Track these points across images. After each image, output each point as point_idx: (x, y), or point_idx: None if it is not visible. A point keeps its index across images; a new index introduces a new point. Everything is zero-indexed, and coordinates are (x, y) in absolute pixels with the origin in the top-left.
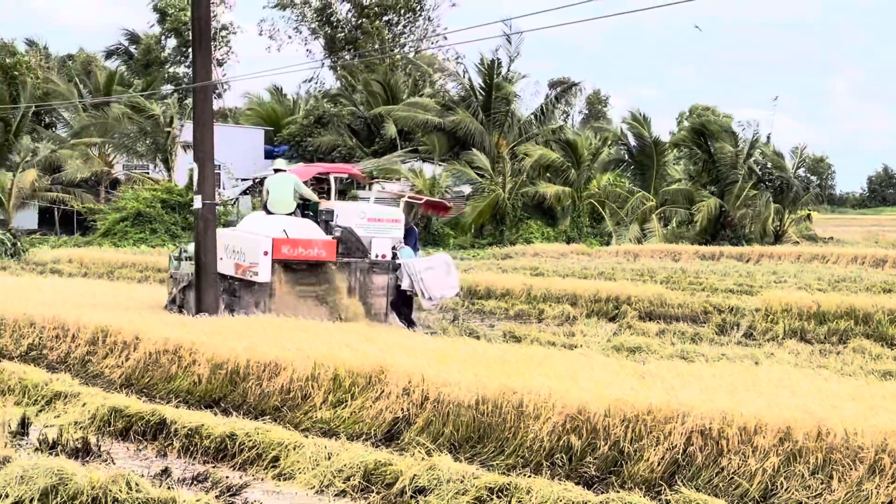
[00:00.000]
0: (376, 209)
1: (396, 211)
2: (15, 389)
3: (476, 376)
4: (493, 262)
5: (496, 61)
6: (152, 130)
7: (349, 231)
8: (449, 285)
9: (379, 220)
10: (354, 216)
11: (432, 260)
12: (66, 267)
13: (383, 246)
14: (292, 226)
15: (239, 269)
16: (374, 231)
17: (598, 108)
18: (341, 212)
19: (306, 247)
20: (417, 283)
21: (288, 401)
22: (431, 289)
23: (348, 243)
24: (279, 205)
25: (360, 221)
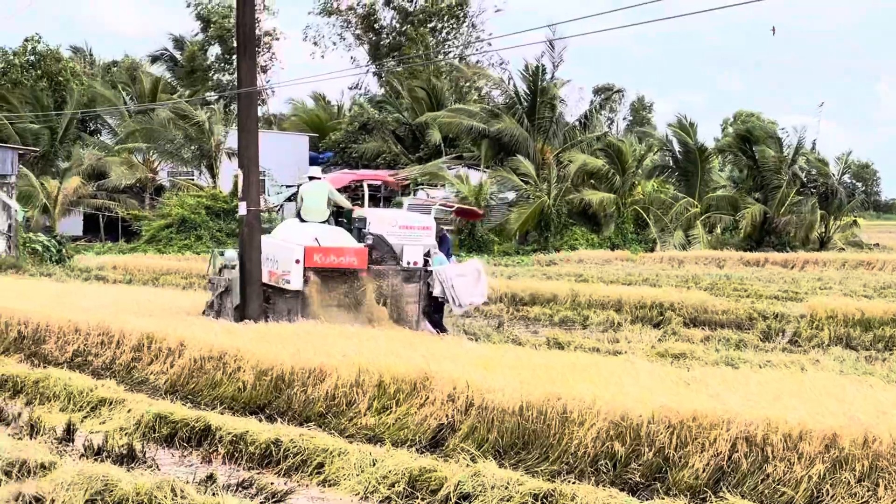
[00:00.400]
0: (408, 217)
1: (427, 218)
2: (60, 396)
3: (520, 382)
4: (538, 269)
5: (540, 67)
6: (197, 137)
7: (381, 238)
8: (478, 292)
9: (410, 228)
10: (386, 224)
11: (463, 267)
12: (111, 273)
13: (415, 253)
14: (324, 234)
15: (272, 276)
16: (405, 238)
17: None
18: (373, 219)
19: (338, 255)
20: (448, 290)
21: (333, 407)
22: (461, 296)
23: (380, 251)
24: (312, 212)
25: (391, 229)
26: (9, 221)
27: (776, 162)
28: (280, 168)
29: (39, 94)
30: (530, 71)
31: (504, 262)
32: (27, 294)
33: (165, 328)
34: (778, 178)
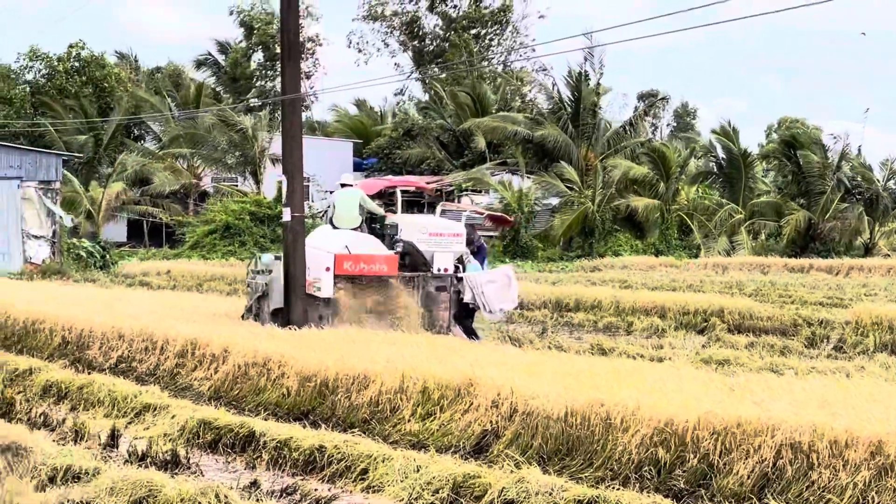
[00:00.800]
0: (438, 223)
1: (458, 225)
2: (104, 401)
3: (564, 388)
4: (582, 275)
5: (583, 73)
6: (241, 143)
7: (411, 245)
8: (509, 298)
9: (440, 235)
10: (417, 231)
11: (494, 273)
12: (155, 279)
13: (445, 260)
14: (355, 241)
15: (306, 283)
16: (435, 245)
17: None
18: (405, 226)
19: (368, 262)
20: (479, 297)
21: (377, 413)
22: (492, 302)
23: (411, 257)
24: (344, 220)
25: (421, 236)
26: (53, 227)
27: (820, 168)
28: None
29: (84, 100)
30: (573, 77)
31: (548, 267)
32: (71, 300)
33: (209, 334)
34: (822, 184)
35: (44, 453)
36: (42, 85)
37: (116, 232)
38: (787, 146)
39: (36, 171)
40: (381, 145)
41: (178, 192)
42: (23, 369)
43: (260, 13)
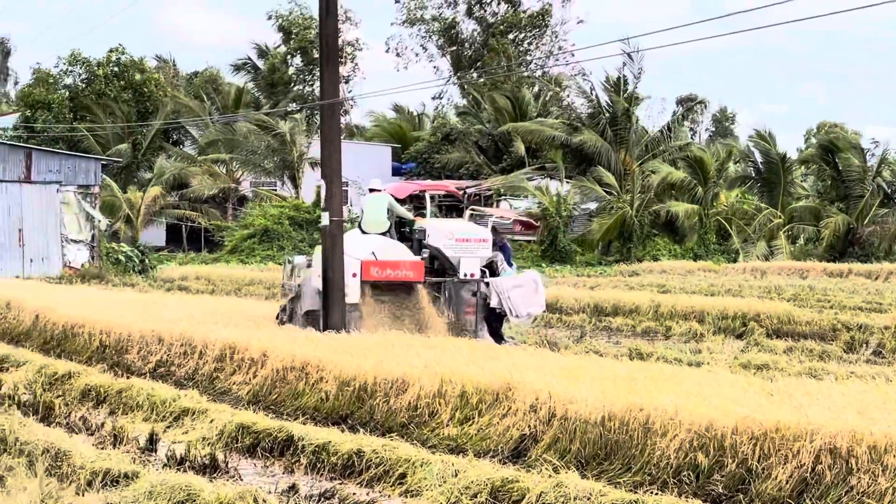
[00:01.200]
0: (465, 229)
1: (484, 231)
2: (143, 405)
3: (603, 393)
4: (620, 280)
5: (622, 78)
6: (280, 148)
7: (437, 251)
8: (536, 303)
9: (467, 241)
10: (444, 236)
11: (521, 278)
12: (194, 284)
13: (471, 265)
14: (382, 247)
15: None
16: (462, 251)
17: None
18: (432, 231)
19: (394, 268)
20: (505, 302)
21: (415, 417)
22: (518, 307)
23: (439, 262)
24: (372, 224)
25: (448, 242)
26: (92, 231)
27: (860, 172)
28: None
29: (123, 104)
30: (612, 82)
31: (587, 272)
32: (110, 304)
33: (248, 338)
34: (861, 189)
35: (83, 457)
36: (81, 89)
37: (155, 236)
38: (826, 151)
39: (75, 175)
40: (420, 150)
41: (217, 196)
42: (62, 373)
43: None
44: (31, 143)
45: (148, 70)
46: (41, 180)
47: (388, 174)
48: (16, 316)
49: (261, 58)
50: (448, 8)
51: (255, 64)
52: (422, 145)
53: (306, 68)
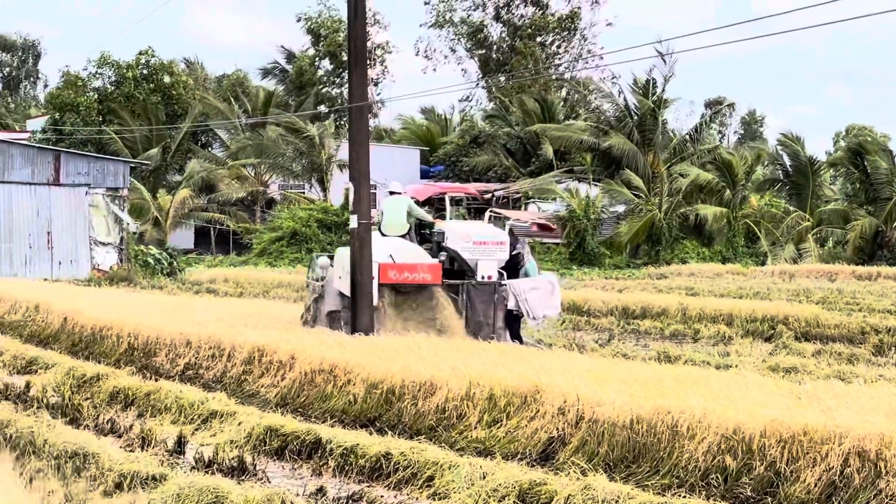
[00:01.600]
0: (483, 232)
1: (502, 233)
2: (172, 408)
3: (631, 396)
4: (649, 282)
5: (650, 81)
6: (308, 150)
7: (455, 253)
8: (552, 305)
9: (485, 244)
10: (462, 239)
11: (537, 280)
12: (222, 286)
13: (489, 268)
14: (400, 250)
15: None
16: (479, 254)
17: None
18: (450, 234)
19: (412, 271)
20: (522, 303)
21: (443, 420)
22: (535, 308)
23: (456, 265)
24: (392, 227)
25: (466, 244)
26: (121, 234)
27: (888, 175)
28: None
29: (152, 107)
30: (640, 85)
31: (615, 275)
32: (138, 307)
33: (276, 341)
34: (890, 191)
35: (111, 459)
36: (110, 92)
37: (183, 239)
38: (855, 154)
39: (103, 178)
40: (448, 152)
41: (245, 199)
42: (90, 376)
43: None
44: (60, 146)
45: (177, 73)
46: (70, 183)
47: (417, 177)
48: (44, 318)
49: (289, 62)
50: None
51: (283, 67)
52: (450, 148)
53: (335, 71)
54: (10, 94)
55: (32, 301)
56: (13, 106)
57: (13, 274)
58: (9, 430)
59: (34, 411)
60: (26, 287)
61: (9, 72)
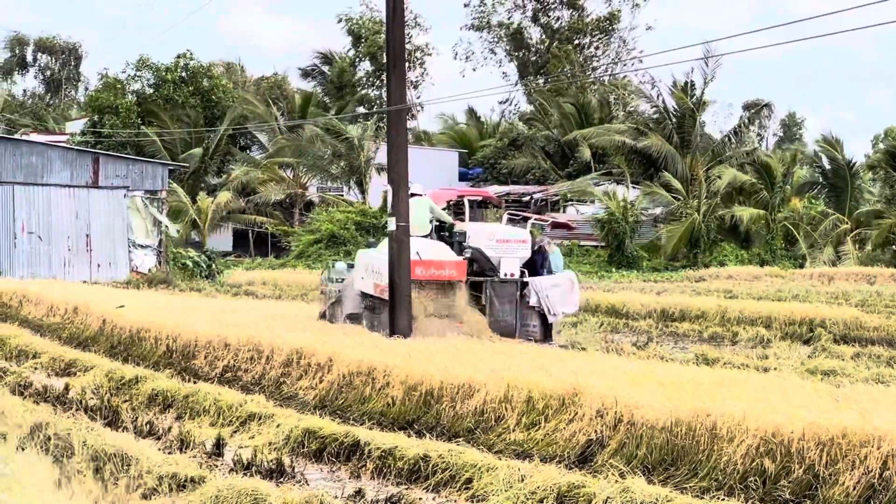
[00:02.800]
0: (505, 230)
1: (524, 232)
2: (210, 410)
3: (669, 398)
4: (687, 285)
5: (689, 84)
6: (347, 153)
7: (479, 251)
8: (571, 302)
9: (507, 242)
10: (485, 237)
11: (557, 277)
12: (260, 289)
13: (511, 265)
14: (425, 248)
15: (377, 288)
16: (502, 252)
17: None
18: (472, 233)
19: (438, 268)
20: (543, 300)
21: (481, 422)
22: (555, 305)
23: (479, 263)
24: (415, 227)
25: (489, 243)
26: (159, 237)
27: None
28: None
29: (190, 110)
30: (679, 87)
31: (653, 277)
32: (177, 309)
33: (314, 343)
34: None
35: (149, 461)
36: (149, 95)
37: (222, 241)
38: (893, 157)
39: (142, 180)
40: (487, 155)
41: (284, 201)
42: (129, 378)
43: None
44: (99, 148)
45: (216, 76)
46: (108, 185)
47: (455, 179)
48: (83, 320)
49: (326, 64)
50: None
51: (321, 70)
52: (489, 150)
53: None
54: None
55: (71, 303)
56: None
57: (52, 276)
58: (47, 431)
59: (73, 413)
60: (65, 289)
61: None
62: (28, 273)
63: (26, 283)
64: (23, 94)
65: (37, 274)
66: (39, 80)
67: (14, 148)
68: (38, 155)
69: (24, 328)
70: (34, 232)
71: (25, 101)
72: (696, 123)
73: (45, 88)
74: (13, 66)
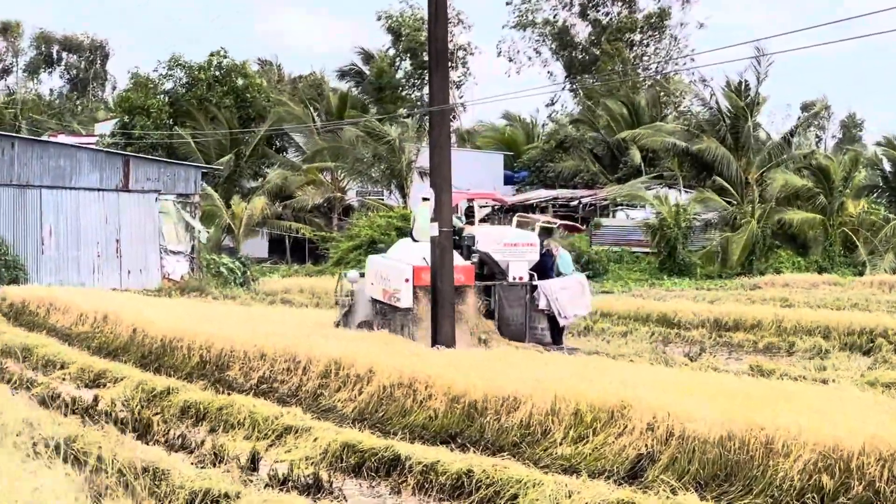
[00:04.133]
0: (513, 235)
1: (532, 235)
2: (245, 423)
3: (722, 412)
4: (742, 293)
5: (743, 83)
6: (387, 155)
7: (487, 256)
8: (582, 305)
9: (515, 245)
10: (493, 242)
11: (567, 280)
12: (297, 297)
13: (519, 269)
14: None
15: (386, 294)
16: (510, 255)
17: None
18: (481, 237)
19: None
20: (553, 303)
21: (527, 436)
22: (566, 308)
23: (487, 267)
24: (424, 233)
25: (497, 247)
26: (192, 242)
27: None
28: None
29: (224, 110)
30: (732, 87)
31: (706, 285)
32: (210, 318)
33: (353, 353)
34: None
35: (182, 476)
36: (182, 94)
37: (257, 247)
38: None
39: (174, 183)
40: (533, 157)
41: (322, 206)
42: (160, 389)
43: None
44: (129, 150)
45: (251, 75)
46: (139, 189)
47: (500, 183)
48: (113, 329)
49: (366, 63)
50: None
51: (360, 70)
52: (535, 153)
53: (416, 72)
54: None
55: (101, 311)
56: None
57: (81, 283)
58: (77, 444)
59: (102, 425)
60: (94, 296)
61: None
62: (56, 280)
63: (54, 289)
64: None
65: (65, 280)
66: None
67: (42, 150)
68: (67, 157)
69: (52, 337)
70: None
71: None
72: (750, 124)
73: (70, 88)
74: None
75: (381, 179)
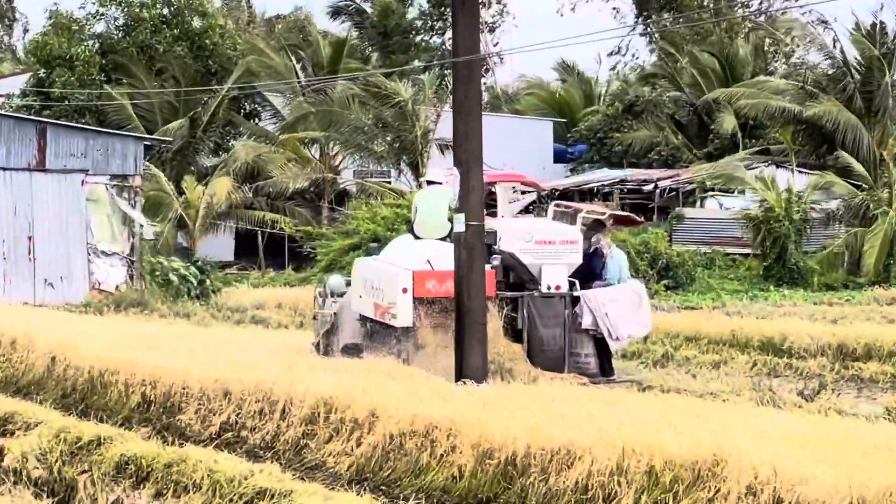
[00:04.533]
0: (546, 229)
1: (573, 231)
2: (202, 485)
3: (849, 471)
4: (875, 309)
5: (878, 25)
6: (395, 123)
7: (512, 257)
8: (639, 322)
9: (550, 243)
10: (520, 239)
11: (618, 290)
12: (274, 314)
13: (556, 275)
14: (439, 254)
15: (378, 310)
16: (544, 256)
17: None
18: (505, 233)
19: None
20: (601, 319)
21: (585, 502)
22: (618, 326)
23: (514, 272)
24: (428, 227)
25: (526, 245)
26: (131, 241)
27: None
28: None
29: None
30: (864, 31)
31: (827, 298)
32: (156, 343)
33: (349, 391)
34: None
35: None
36: (117, 41)
37: (220, 247)
38: None
39: (107, 161)
40: (593, 126)
41: (307, 191)
42: (88, 439)
43: None
44: (46, 116)
45: (211, 14)
46: (60, 168)
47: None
48: (24, 358)
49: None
50: None
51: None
52: (596, 120)
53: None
54: None
55: (7, 335)
56: None
57: None
58: None
59: (9, 489)
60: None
61: None
62: None
63: None
64: None
65: None
66: None
67: None
68: None
69: None
70: None
71: None
72: (888, 81)
73: None
74: None
75: (386, 155)
